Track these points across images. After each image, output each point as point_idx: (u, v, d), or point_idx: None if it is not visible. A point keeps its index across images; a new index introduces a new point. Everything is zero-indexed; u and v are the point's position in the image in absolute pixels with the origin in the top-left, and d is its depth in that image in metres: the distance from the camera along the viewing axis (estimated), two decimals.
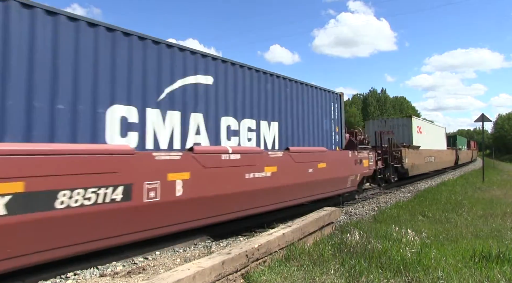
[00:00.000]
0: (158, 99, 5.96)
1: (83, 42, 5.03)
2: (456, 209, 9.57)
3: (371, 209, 10.73)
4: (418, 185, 18.20)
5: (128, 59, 5.55)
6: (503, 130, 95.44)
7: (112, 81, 5.33)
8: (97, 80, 5.15)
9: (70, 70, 4.86)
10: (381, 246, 5.24)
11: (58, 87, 4.73)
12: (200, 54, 6.81)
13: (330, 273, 4.31)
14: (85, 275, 4.89)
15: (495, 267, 4.47)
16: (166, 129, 6.07)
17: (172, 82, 6.20)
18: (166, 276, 3.34)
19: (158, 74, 5.98)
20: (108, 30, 5.34)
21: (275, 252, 4.84)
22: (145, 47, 5.82)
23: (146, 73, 5.80)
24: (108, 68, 5.30)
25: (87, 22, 5.11)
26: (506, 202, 11.22)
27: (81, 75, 4.98)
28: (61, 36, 4.81)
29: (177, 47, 6.35)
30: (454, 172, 28.24)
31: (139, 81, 5.70)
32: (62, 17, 4.85)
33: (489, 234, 6.81)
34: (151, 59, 5.89)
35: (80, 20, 5.03)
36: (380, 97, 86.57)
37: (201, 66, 6.77)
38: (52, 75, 4.70)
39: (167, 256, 5.80)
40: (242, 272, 4.19)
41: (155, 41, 5.98)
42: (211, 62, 7.00)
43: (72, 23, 4.93)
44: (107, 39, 5.31)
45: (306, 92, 9.80)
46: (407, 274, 4.25)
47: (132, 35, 5.64)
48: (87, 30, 5.08)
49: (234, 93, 7.47)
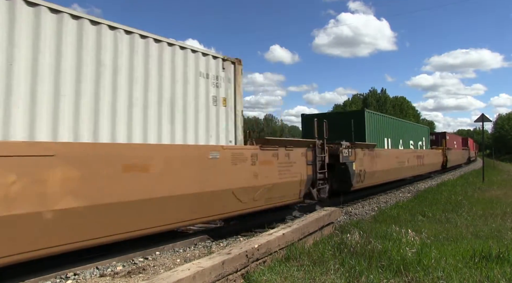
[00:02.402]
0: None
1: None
2: (456, 209, 9.58)
3: (371, 209, 10.73)
4: (418, 185, 18.20)
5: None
6: (503, 130, 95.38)
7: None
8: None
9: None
10: (381, 246, 5.24)
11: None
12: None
13: (330, 273, 4.31)
14: (85, 275, 4.88)
15: (495, 267, 4.47)
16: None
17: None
18: (166, 276, 3.34)
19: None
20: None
21: (275, 252, 4.84)
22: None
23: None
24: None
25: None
26: (506, 202, 11.22)
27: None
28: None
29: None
30: (454, 173, 28.24)
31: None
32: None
33: (489, 234, 6.81)
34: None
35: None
36: (380, 97, 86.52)
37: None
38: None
39: (167, 256, 5.81)
40: (242, 272, 4.19)
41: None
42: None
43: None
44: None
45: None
46: (407, 274, 4.25)
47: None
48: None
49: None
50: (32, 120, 4.48)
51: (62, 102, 4.77)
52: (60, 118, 4.75)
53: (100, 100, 5.20)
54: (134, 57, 5.69)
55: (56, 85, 4.74)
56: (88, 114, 5.07)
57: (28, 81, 4.47)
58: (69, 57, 4.90)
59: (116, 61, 5.44)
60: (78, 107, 4.96)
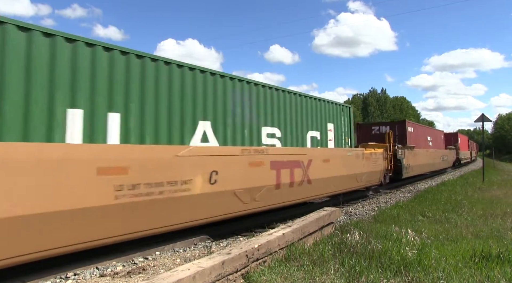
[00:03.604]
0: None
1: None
2: (456, 209, 9.57)
3: (371, 209, 10.73)
4: (418, 185, 18.21)
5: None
6: (503, 130, 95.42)
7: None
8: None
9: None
10: (381, 246, 5.24)
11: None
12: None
13: (330, 273, 4.31)
14: (85, 275, 4.88)
15: (495, 267, 4.46)
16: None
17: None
18: (166, 276, 3.34)
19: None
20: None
21: (275, 252, 4.84)
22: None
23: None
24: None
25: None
26: (506, 202, 11.22)
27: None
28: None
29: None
30: (454, 172, 28.23)
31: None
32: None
33: (489, 234, 6.80)
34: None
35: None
36: (380, 97, 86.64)
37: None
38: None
39: (167, 256, 5.81)
40: (242, 272, 4.19)
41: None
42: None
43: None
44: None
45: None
46: (407, 274, 4.24)
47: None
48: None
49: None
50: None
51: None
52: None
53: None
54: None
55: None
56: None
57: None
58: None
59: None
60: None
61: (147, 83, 5.89)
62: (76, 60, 5.02)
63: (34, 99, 4.57)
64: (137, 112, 5.72)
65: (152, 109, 5.92)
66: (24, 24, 4.53)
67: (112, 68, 5.44)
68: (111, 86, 5.40)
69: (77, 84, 5.01)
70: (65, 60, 4.91)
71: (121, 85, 5.52)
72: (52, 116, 4.74)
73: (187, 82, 6.56)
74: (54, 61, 4.79)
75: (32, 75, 4.57)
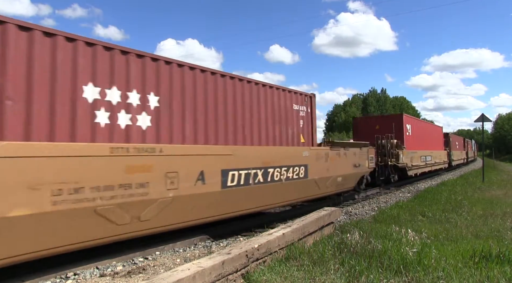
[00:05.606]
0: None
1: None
2: (456, 209, 9.57)
3: (371, 209, 10.73)
4: (418, 185, 18.21)
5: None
6: (503, 130, 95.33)
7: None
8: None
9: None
10: (381, 246, 5.24)
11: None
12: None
13: (330, 273, 4.31)
14: (85, 275, 4.88)
15: (495, 267, 4.47)
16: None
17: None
18: (166, 276, 3.34)
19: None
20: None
21: (275, 252, 4.84)
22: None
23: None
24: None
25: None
26: (506, 202, 11.23)
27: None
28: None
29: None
30: (454, 172, 28.23)
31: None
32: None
33: (489, 234, 6.81)
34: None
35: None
36: (380, 97, 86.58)
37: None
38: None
39: (167, 256, 5.81)
40: (242, 272, 4.19)
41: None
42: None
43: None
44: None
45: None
46: (407, 274, 4.25)
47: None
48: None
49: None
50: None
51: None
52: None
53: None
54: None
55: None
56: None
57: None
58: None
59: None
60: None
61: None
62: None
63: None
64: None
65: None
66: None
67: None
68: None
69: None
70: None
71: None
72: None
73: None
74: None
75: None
